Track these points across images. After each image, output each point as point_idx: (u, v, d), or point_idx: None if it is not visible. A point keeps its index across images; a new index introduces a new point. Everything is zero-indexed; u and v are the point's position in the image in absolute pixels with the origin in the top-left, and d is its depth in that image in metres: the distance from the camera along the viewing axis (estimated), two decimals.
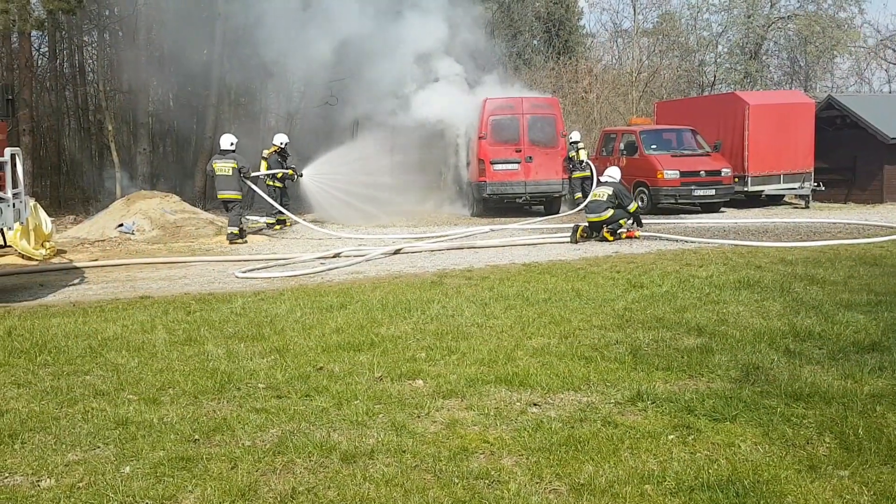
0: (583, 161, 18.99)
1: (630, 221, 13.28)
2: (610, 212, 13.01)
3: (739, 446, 4.02)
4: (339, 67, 22.85)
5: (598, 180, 13.45)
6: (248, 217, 16.60)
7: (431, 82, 19.84)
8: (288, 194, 16.88)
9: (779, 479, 3.62)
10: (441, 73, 20.19)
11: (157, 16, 22.02)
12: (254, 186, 15.10)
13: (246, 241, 14.49)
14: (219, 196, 14.93)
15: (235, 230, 14.41)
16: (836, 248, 11.20)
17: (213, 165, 14.93)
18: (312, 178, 17.45)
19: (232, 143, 14.95)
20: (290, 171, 16.67)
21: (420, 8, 20.36)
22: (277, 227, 16.55)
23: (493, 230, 14.99)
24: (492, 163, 17.94)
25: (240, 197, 14.68)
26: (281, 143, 16.68)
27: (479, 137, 18.06)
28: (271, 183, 16.36)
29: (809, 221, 15.48)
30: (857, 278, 8.58)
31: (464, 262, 11.13)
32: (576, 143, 19.12)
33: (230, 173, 14.64)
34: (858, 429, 4.13)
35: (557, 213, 18.56)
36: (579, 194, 18.64)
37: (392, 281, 9.53)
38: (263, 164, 16.48)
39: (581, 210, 17.73)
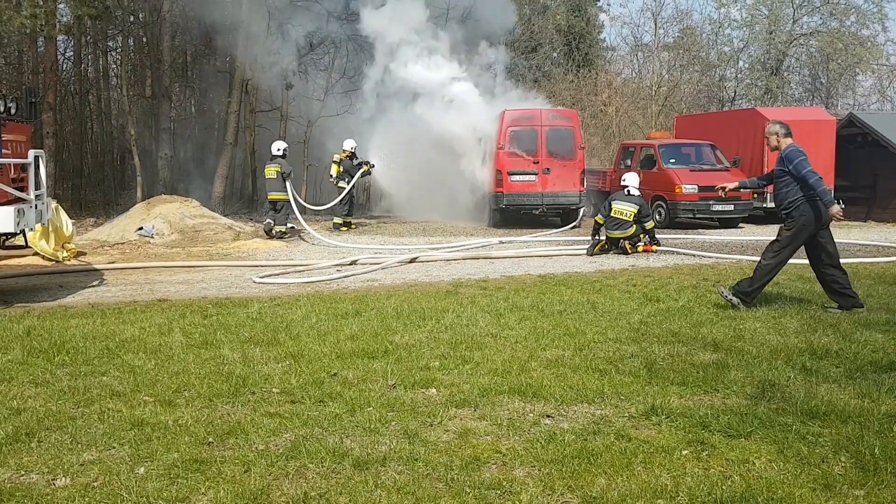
0: None
1: (646, 237, 13.34)
2: (633, 228, 13.12)
3: (754, 463, 3.99)
4: (358, 77, 23.06)
5: (628, 191, 13.42)
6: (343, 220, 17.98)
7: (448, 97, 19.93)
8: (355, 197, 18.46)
9: (793, 498, 3.59)
10: (457, 87, 20.30)
11: (180, 22, 22.27)
12: (290, 191, 16.06)
13: (282, 240, 15.73)
14: (268, 197, 16.48)
15: (282, 228, 15.99)
16: (854, 266, 11.09)
17: (265, 169, 16.72)
18: (383, 165, 19.44)
19: (279, 150, 16.46)
20: (365, 168, 17.99)
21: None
22: (344, 228, 17.76)
23: (502, 242, 15.02)
24: (509, 174, 17.96)
25: (285, 197, 16.04)
26: (351, 148, 18.03)
27: (497, 148, 18.08)
28: (346, 185, 17.68)
29: None
30: (875, 297, 8.52)
31: (479, 272, 11.14)
32: None
33: (275, 176, 16.23)
34: (874, 448, 4.09)
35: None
36: None
37: (407, 289, 9.55)
38: (335, 168, 17.98)
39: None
